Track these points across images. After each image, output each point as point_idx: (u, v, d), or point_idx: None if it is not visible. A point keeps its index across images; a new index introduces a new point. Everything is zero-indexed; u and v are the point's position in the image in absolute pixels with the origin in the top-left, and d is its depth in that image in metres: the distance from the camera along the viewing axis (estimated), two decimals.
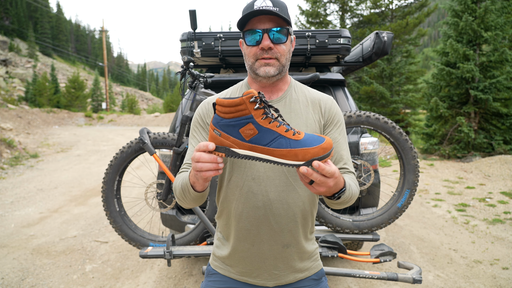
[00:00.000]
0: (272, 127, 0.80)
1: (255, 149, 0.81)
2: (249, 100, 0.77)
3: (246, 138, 0.81)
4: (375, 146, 2.71)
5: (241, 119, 0.79)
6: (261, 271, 1.14)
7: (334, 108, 1.18)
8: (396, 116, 13.21)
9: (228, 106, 0.79)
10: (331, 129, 1.16)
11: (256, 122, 0.79)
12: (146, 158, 3.28)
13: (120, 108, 41.56)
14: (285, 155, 0.81)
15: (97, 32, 76.32)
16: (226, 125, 0.80)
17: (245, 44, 1.11)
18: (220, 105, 0.80)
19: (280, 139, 0.81)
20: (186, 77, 2.44)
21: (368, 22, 14.79)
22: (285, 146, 0.80)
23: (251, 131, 0.80)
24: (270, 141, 0.81)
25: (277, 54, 1.09)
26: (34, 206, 5.13)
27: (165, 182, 2.45)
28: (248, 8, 1.08)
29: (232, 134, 0.81)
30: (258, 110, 0.79)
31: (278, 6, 1.06)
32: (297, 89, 1.20)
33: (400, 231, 4.07)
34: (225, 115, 0.80)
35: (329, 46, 2.81)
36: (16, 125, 16.37)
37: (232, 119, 0.79)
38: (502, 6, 8.91)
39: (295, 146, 0.80)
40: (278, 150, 0.81)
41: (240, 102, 0.78)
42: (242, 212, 1.11)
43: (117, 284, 2.90)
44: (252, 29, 1.08)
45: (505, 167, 7.06)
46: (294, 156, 0.80)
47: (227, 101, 0.78)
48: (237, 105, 0.78)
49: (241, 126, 0.80)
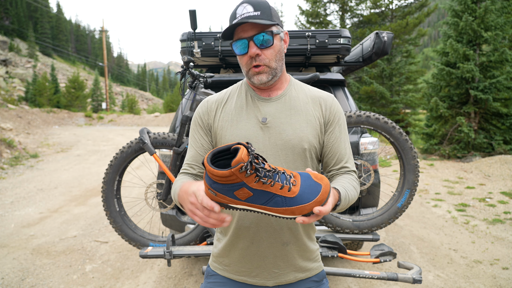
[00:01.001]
0: (267, 188, 0.79)
1: (252, 206, 0.82)
2: (239, 171, 0.75)
3: (242, 199, 0.80)
4: (375, 146, 2.71)
5: (234, 185, 0.78)
6: (260, 269, 1.14)
7: (334, 106, 1.18)
8: (396, 116, 13.21)
9: (218, 176, 0.77)
10: (333, 128, 1.16)
11: (249, 186, 0.79)
12: (146, 158, 3.28)
13: (120, 108, 41.56)
14: (282, 213, 0.81)
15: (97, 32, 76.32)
16: (221, 189, 0.80)
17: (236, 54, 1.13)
18: (213, 174, 0.78)
19: (276, 198, 0.80)
20: (186, 77, 2.44)
21: (368, 22, 14.79)
22: (281, 205, 0.80)
23: (246, 194, 0.79)
24: (266, 201, 0.80)
25: (265, 61, 1.08)
26: (34, 206, 5.13)
27: (165, 182, 2.45)
28: (231, 18, 1.09)
29: (228, 195, 0.80)
30: (249, 176, 0.77)
31: (260, 9, 1.06)
32: (296, 87, 1.21)
33: (400, 231, 4.07)
34: (217, 179, 0.79)
35: (329, 46, 2.81)
36: (16, 125, 16.37)
37: (226, 185, 0.79)
38: (502, 6, 8.91)
39: (291, 205, 0.80)
40: (275, 209, 0.81)
41: (229, 174, 0.76)
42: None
43: (117, 284, 2.90)
44: (238, 39, 1.09)
45: (505, 167, 7.06)
46: (292, 213, 0.81)
47: (216, 171, 0.76)
48: (228, 176, 0.76)
49: (235, 190, 0.79)
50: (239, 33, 1.09)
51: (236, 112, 1.15)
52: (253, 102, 1.16)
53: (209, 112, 1.18)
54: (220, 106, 1.18)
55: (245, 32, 1.07)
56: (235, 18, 1.07)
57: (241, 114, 1.15)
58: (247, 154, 0.76)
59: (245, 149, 0.77)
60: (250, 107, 1.15)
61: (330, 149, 1.15)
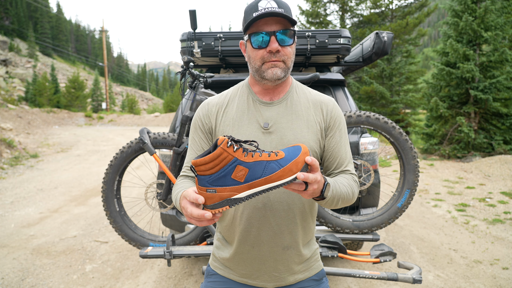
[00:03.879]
0: (257, 158, 0.83)
1: (253, 185, 0.83)
2: (227, 145, 0.79)
3: (241, 180, 0.82)
4: (375, 146, 2.71)
5: (228, 166, 0.81)
6: (261, 272, 1.14)
7: (335, 111, 1.18)
8: (396, 116, 13.21)
9: (211, 161, 0.80)
10: (333, 132, 1.16)
11: (242, 161, 0.82)
12: (146, 158, 3.28)
13: (120, 108, 41.56)
14: (282, 176, 0.83)
15: (97, 32, 76.29)
16: (217, 179, 0.82)
17: (251, 47, 1.09)
18: (200, 165, 0.80)
19: (270, 164, 0.83)
20: (186, 77, 2.44)
21: (368, 22, 14.79)
22: (277, 168, 0.83)
23: (242, 171, 0.82)
24: (263, 171, 0.83)
25: (284, 57, 1.07)
26: (34, 206, 5.13)
27: (165, 182, 2.45)
28: (252, 9, 1.05)
29: (227, 184, 0.82)
30: (237, 150, 0.81)
31: (283, 7, 1.04)
32: (298, 90, 1.20)
33: (400, 231, 4.07)
34: (210, 171, 0.81)
35: (329, 46, 2.81)
36: (16, 125, 16.37)
37: (220, 171, 0.81)
38: (502, 6, 8.91)
39: (285, 164, 0.83)
40: (274, 175, 0.83)
41: (220, 152, 0.79)
42: (242, 213, 1.11)
43: (117, 284, 2.90)
44: (258, 32, 1.05)
45: (505, 167, 7.06)
46: (290, 172, 0.83)
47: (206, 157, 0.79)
48: (219, 156, 0.80)
49: (231, 172, 0.81)
50: (261, 26, 1.05)
51: (238, 117, 1.14)
52: (255, 106, 1.15)
53: (210, 115, 1.17)
54: (221, 110, 1.17)
55: (269, 26, 1.05)
56: (257, 10, 1.03)
57: (243, 118, 1.14)
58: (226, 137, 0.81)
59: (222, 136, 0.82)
60: (251, 112, 1.14)
61: (331, 154, 1.15)
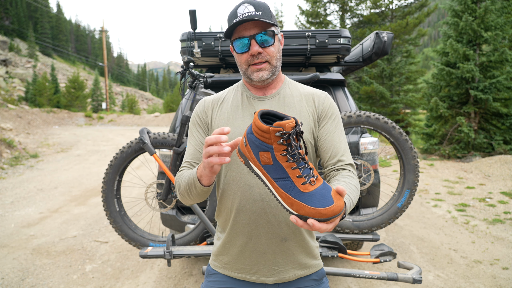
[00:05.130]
0: (286, 167, 0.80)
1: (265, 175, 0.83)
2: (275, 133, 0.78)
3: (262, 162, 0.82)
4: (375, 146, 2.71)
5: (264, 144, 0.81)
6: (260, 266, 1.15)
7: (327, 101, 1.21)
8: (396, 116, 13.21)
9: (259, 128, 0.80)
10: (326, 122, 1.18)
11: (274, 154, 0.80)
12: (146, 158, 3.28)
13: (120, 108, 41.54)
14: (283, 198, 0.81)
15: (97, 32, 76.27)
16: (252, 141, 0.83)
17: (235, 52, 1.15)
18: (255, 125, 0.81)
19: (288, 181, 0.80)
20: (186, 77, 2.44)
21: (368, 22, 14.78)
22: (287, 191, 0.80)
23: (267, 159, 0.81)
24: (278, 178, 0.81)
25: (267, 57, 1.13)
26: (34, 206, 5.13)
27: (165, 182, 2.45)
28: (232, 16, 1.11)
29: (254, 151, 0.83)
30: (280, 145, 0.79)
31: (260, 10, 1.09)
32: (291, 86, 1.24)
33: (400, 231, 4.07)
34: (255, 133, 0.82)
35: (329, 46, 2.81)
36: (16, 125, 16.37)
37: (258, 140, 0.81)
38: (502, 6, 8.91)
39: (295, 197, 0.79)
40: (280, 190, 0.81)
41: (266, 130, 0.79)
42: (239, 205, 1.13)
43: (117, 284, 2.90)
44: (239, 37, 1.11)
45: (505, 167, 7.06)
46: (290, 205, 0.79)
47: (260, 123, 0.80)
48: (264, 132, 0.79)
49: (261, 150, 0.82)
50: (241, 32, 1.11)
51: (232, 111, 1.19)
52: (248, 101, 1.20)
53: (206, 111, 1.22)
54: (216, 106, 1.22)
55: (247, 31, 1.10)
56: (236, 17, 1.09)
57: (237, 112, 1.18)
58: (292, 128, 0.78)
59: (294, 121, 0.79)
60: (245, 106, 1.19)
61: (323, 143, 1.16)
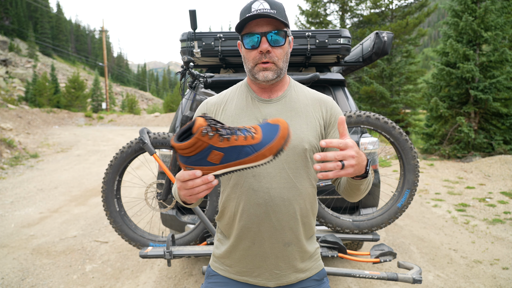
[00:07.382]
0: (233, 143, 0.84)
1: (228, 166, 0.86)
2: (201, 135, 0.80)
3: (217, 162, 0.85)
4: (375, 146, 2.71)
5: (204, 151, 0.83)
6: (262, 270, 1.14)
7: (335, 108, 1.21)
8: (396, 116, 13.21)
9: (187, 147, 0.82)
10: (334, 129, 1.18)
11: (217, 147, 0.83)
12: (146, 158, 3.28)
13: (120, 108, 41.55)
14: (256, 159, 0.85)
15: (97, 32, 76.25)
16: (194, 161, 0.84)
17: (244, 47, 1.12)
18: (179, 149, 0.83)
19: (245, 148, 0.85)
20: (186, 77, 2.44)
21: (368, 22, 14.79)
22: (251, 153, 0.85)
23: (218, 155, 0.84)
24: (238, 155, 0.85)
25: (274, 58, 1.10)
26: (34, 206, 5.13)
27: (165, 182, 2.45)
28: (245, 11, 1.08)
29: (203, 164, 0.85)
30: (213, 137, 0.82)
31: (276, 8, 1.07)
32: (296, 88, 1.22)
33: (400, 231, 4.07)
34: (188, 154, 0.83)
35: (329, 46, 2.81)
36: (16, 125, 16.37)
37: (196, 155, 0.83)
38: (502, 6, 8.91)
39: (259, 149, 0.85)
40: (248, 159, 0.85)
41: (195, 141, 0.80)
42: (243, 209, 1.12)
43: (117, 284, 2.90)
44: (250, 33, 1.09)
45: (505, 167, 7.06)
46: (263, 156, 0.85)
47: (183, 144, 0.81)
48: (194, 144, 0.81)
49: (207, 156, 0.84)
50: (253, 27, 1.08)
51: (236, 114, 1.16)
52: (253, 103, 1.17)
53: (209, 112, 1.19)
54: (219, 109, 1.19)
55: (260, 27, 1.08)
56: (250, 12, 1.06)
57: (241, 115, 1.15)
58: (204, 120, 0.81)
59: (201, 117, 0.82)
60: (250, 108, 1.16)
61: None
